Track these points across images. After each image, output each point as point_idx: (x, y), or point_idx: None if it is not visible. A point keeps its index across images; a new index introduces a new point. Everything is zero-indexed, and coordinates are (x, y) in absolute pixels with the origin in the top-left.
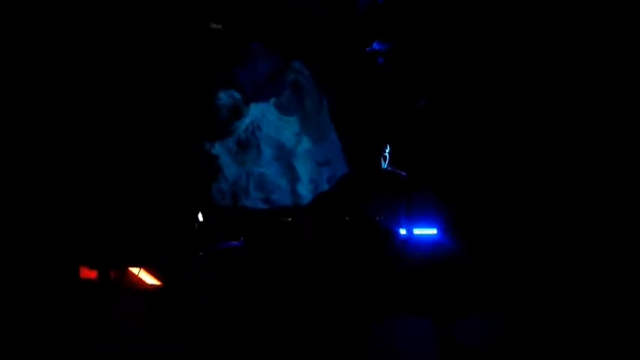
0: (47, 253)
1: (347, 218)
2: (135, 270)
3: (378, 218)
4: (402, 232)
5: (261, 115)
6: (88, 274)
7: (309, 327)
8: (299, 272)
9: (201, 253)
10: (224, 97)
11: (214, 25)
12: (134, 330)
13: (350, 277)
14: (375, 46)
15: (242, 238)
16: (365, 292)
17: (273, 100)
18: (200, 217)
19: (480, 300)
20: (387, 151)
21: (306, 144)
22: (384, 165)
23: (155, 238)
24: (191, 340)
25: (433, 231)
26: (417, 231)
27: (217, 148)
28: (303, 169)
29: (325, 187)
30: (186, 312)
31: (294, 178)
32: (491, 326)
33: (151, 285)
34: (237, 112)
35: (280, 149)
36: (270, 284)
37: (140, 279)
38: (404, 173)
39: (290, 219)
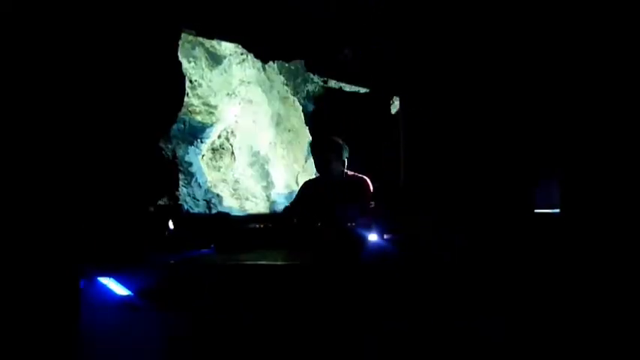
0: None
1: (319, 224)
2: (105, 280)
3: (348, 224)
4: (369, 236)
5: (235, 120)
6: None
7: (304, 329)
8: (279, 277)
9: (172, 262)
10: (197, 100)
11: (186, 30)
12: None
13: (332, 282)
14: (347, 51)
15: (212, 246)
16: (349, 296)
17: (248, 104)
18: (171, 225)
19: (459, 302)
20: (346, 155)
21: (281, 150)
22: (344, 169)
23: (124, 247)
24: (191, 340)
25: (399, 235)
26: (382, 235)
27: (191, 154)
28: (279, 175)
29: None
30: (186, 312)
31: (268, 185)
32: (477, 328)
33: (122, 295)
34: (211, 117)
35: (255, 155)
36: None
37: (110, 289)
38: (366, 177)
39: (263, 226)
